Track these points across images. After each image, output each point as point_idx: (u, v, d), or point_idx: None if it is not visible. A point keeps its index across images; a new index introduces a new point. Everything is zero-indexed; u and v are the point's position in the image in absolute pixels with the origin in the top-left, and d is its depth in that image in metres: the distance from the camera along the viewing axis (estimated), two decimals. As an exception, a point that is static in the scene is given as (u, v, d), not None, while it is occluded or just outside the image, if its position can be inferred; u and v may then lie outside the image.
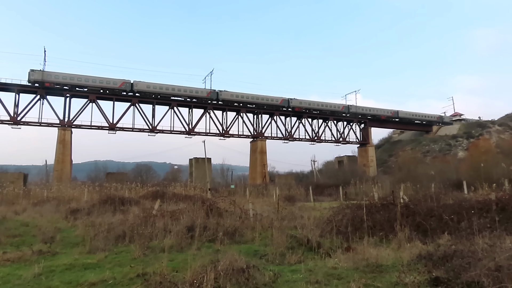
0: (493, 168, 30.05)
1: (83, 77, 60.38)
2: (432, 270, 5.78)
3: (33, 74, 56.93)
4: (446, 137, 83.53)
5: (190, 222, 10.99)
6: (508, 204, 9.93)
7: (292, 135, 75.31)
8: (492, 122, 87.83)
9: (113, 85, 61.81)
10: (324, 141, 78.69)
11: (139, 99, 63.65)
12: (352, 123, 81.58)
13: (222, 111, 70.15)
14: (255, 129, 72.41)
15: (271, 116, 73.60)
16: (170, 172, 77.46)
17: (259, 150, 70.93)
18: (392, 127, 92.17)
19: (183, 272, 6.05)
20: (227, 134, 70.03)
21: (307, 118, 76.64)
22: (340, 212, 11.69)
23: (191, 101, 67.87)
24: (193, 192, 30.15)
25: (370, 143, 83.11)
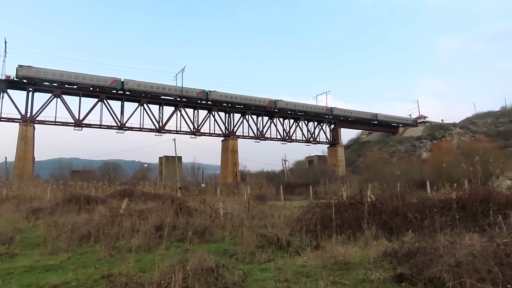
0: (454, 169, 31.40)
1: (73, 74, 59.25)
2: (396, 266, 5.96)
3: (21, 70, 55.71)
4: (411, 138, 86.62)
5: (158, 222, 10.79)
6: (467, 203, 10.40)
7: (263, 135, 75.62)
8: (454, 125, 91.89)
9: (103, 82, 60.95)
10: (295, 141, 79.57)
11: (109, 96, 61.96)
12: (322, 124, 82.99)
13: (193, 109, 69.35)
14: (226, 128, 72.12)
15: (243, 115, 73.57)
16: (139, 171, 75.74)
17: (230, 149, 70.72)
18: (361, 128, 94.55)
19: (151, 272, 5.91)
20: (199, 132, 69.30)
21: (278, 118, 77.21)
22: (310, 211, 11.85)
23: (181, 101, 67.50)
24: (162, 191, 29.61)
25: (340, 144, 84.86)
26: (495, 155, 35.85)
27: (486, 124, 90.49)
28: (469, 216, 9.90)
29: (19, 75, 55.97)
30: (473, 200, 10.41)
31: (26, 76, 56.13)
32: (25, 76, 56.10)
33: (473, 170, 22.56)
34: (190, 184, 48.83)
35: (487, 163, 26.90)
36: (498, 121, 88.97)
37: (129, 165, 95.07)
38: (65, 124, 59.40)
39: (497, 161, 32.82)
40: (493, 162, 30.69)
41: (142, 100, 63.44)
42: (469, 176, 22.59)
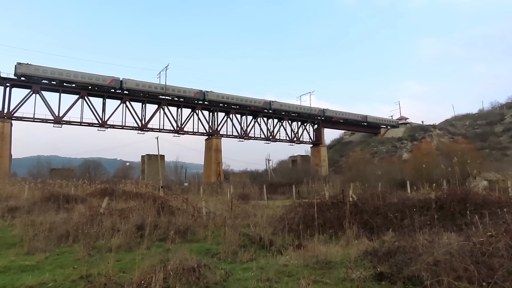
0: (433, 169, 32.17)
1: (72, 73, 58.99)
2: (377, 265, 6.04)
3: (20, 67, 55.11)
4: (392, 139, 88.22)
5: (140, 221, 10.63)
6: (446, 203, 10.64)
7: (247, 134, 75.59)
8: (434, 126, 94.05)
9: (102, 81, 60.84)
10: (279, 140, 79.88)
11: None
12: (306, 124, 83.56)
13: (177, 108, 68.71)
14: (210, 127, 71.75)
15: (227, 114, 73.36)
16: (121, 169, 74.43)
17: (214, 148, 70.40)
18: (344, 128, 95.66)
19: (131, 272, 5.81)
20: (182, 131, 68.71)
21: (262, 117, 77.32)
22: (293, 211, 11.91)
23: (178, 100, 67.92)
24: (144, 190, 29.19)
25: (323, 144, 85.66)
26: (473, 157, 36.84)
27: (464, 126, 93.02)
28: (447, 216, 10.14)
29: (18, 73, 55.33)
30: (451, 200, 10.67)
31: (25, 73, 55.39)
32: (24, 73, 55.37)
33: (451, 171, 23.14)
34: (172, 183, 48.43)
35: (465, 164, 27.64)
36: (475, 123, 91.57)
37: (111, 164, 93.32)
38: (44, 120, 57.93)
39: (474, 162, 33.76)
40: (471, 163, 31.54)
41: (125, 97, 62.44)
42: (448, 177, 23.17)
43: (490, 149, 71.87)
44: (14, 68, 55.47)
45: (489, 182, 28.31)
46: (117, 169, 76.64)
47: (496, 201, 10.47)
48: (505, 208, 9.25)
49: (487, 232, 6.57)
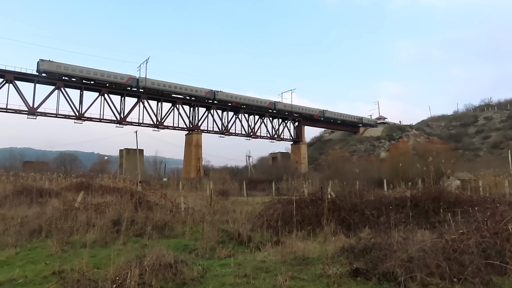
0: (409, 168, 32.91)
1: (91, 70, 60.38)
2: (353, 262, 6.13)
3: (43, 64, 56.20)
4: (371, 138, 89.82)
5: (116, 216, 10.43)
6: (420, 201, 10.93)
7: (228, 130, 75.33)
8: (411, 127, 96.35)
9: (120, 80, 62.60)
10: (259, 137, 79.95)
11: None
12: (287, 121, 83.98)
13: (157, 102, 67.69)
14: (191, 122, 71.08)
15: (208, 110, 72.86)
16: (98, 163, 72.88)
17: (194, 143, 69.83)
18: (324, 126, 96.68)
19: (106, 268, 5.70)
20: (162, 125, 67.79)
21: (243, 113, 77.19)
22: (272, 207, 11.95)
23: (191, 99, 69.67)
24: (122, 185, 28.72)
25: (303, 141, 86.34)
26: (447, 157, 37.96)
27: (439, 126, 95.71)
28: (421, 214, 10.42)
29: (41, 69, 56.18)
30: (425, 198, 10.96)
31: (47, 70, 56.36)
32: (46, 70, 56.31)
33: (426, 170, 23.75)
34: (151, 178, 47.73)
35: (439, 164, 28.44)
36: (450, 124, 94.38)
37: (87, 157, 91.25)
38: (18, 112, 55.91)
39: (448, 162, 34.79)
40: (445, 163, 32.50)
41: (103, 89, 61.02)
42: (423, 176, 23.78)
43: (464, 150, 74.30)
44: (37, 64, 56.42)
45: (461, 182, 29.24)
46: (94, 163, 75.04)
47: (468, 200, 10.82)
48: (476, 206, 9.55)
49: (459, 229, 6.78)
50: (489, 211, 8.18)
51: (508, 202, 10.08)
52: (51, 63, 56.53)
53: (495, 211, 7.90)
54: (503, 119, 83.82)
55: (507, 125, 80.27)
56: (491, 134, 79.64)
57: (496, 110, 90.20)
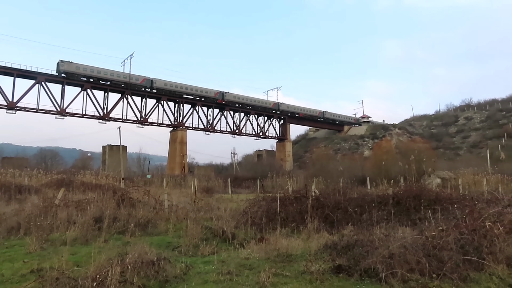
0: (392, 167, 33.46)
1: (109, 72, 62.08)
2: (335, 258, 6.19)
3: (63, 65, 57.68)
4: (355, 136, 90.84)
5: (98, 213, 10.27)
6: (402, 199, 11.13)
7: (213, 127, 74.99)
8: (394, 126, 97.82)
9: (135, 81, 63.87)
10: (245, 134, 79.86)
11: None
12: (272, 119, 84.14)
13: (141, 98, 66.78)
14: (175, 118, 70.43)
15: (193, 106, 72.32)
16: (80, 159, 71.49)
17: (179, 140, 69.22)
18: (309, 124, 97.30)
19: (86, 266, 5.60)
20: (146, 121, 66.91)
21: (229, 110, 76.96)
22: (256, 204, 11.96)
23: (201, 99, 72.11)
24: (105, 182, 28.28)
25: (288, 139, 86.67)
26: (428, 155, 38.72)
27: (421, 126, 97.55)
28: (403, 211, 10.61)
29: (61, 70, 57.54)
30: (407, 196, 11.16)
31: (66, 71, 57.78)
32: (66, 71, 57.72)
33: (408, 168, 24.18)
34: (135, 175, 47.15)
35: (421, 162, 28.96)
36: (432, 123, 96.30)
37: (69, 153, 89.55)
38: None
39: (429, 160, 35.50)
40: (426, 161, 33.13)
41: (86, 84, 59.81)
42: (405, 174, 24.22)
43: (444, 149, 75.88)
44: (57, 65, 57.86)
45: (442, 180, 29.94)
46: (76, 159, 73.62)
47: (447, 198, 11.07)
48: (455, 204, 9.79)
49: (438, 226, 6.94)
50: (468, 208, 8.39)
51: (486, 200, 10.40)
52: (70, 64, 57.79)
53: (473, 208, 8.11)
54: (482, 120, 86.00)
55: (486, 125, 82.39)
56: (471, 134, 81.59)
57: (476, 111, 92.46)
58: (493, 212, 7.44)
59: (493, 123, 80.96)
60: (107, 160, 60.98)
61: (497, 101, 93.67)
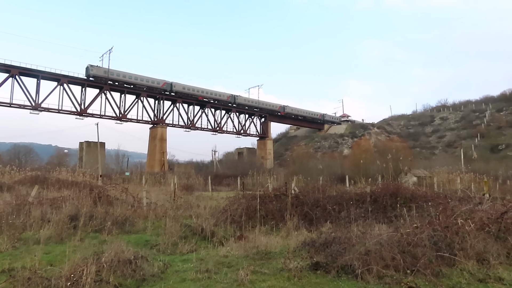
0: (370, 165, 34.10)
1: (132, 75, 65.06)
2: (313, 255, 6.27)
3: (92, 69, 60.71)
4: (335, 135, 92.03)
5: (74, 211, 10.03)
6: (379, 197, 11.37)
7: (194, 124, 74.39)
8: (372, 125, 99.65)
9: (156, 84, 67.73)
10: (226, 132, 79.65)
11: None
12: (253, 117, 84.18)
13: (120, 93, 65.51)
14: (155, 115, 69.46)
15: (173, 103, 71.51)
16: (56, 156, 69.57)
17: (159, 137, 68.34)
18: (290, 123, 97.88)
19: (60, 265, 5.47)
20: (125, 118, 65.71)
21: (210, 108, 76.51)
22: (236, 202, 11.97)
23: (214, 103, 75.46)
24: (81, 179, 27.62)
25: (269, 137, 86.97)
26: (405, 154, 39.65)
27: (399, 125, 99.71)
28: (380, 209, 10.83)
29: (90, 74, 60.37)
30: (384, 194, 11.41)
31: (96, 75, 60.71)
32: (95, 75, 60.63)
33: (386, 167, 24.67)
34: (113, 172, 46.29)
35: (398, 161, 29.66)
36: (409, 123, 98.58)
37: (44, 150, 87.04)
38: (-34, 100, 52.19)
39: (406, 159, 36.37)
40: (403, 160, 33.96)
41: (62, 79, 58.19)
42: (383, 172, 24.76)
43: (421, 148, 77.91)
44: (86, 69, 60.77)
45: (418, 178, 30.71)
46: (52, 156, 71.60)
47: (423, 196, 11.39)
48: (430, 202, 10.08)
49: (413, 223, 7.12)
50: (441, 206, 8.65)
51: (459, 198, 10.74)
52: (99, 68, 61.02)
53: (447, 206, 8.37)
54: (457, 120, 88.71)
55: (461, 125, 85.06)
56: (446, 134, 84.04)
57: (451, 111, 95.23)
58: (465, 209, 7.71)
59: (467, 123, 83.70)
60: (84, 157, 59.64)
61: (471, 102, 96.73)
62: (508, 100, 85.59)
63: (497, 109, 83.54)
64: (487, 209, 8.10)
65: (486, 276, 5.57)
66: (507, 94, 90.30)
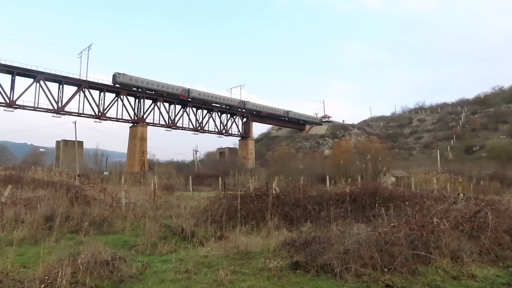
0: (350, 165, 34.63)
1: (154, 82, 69.32)
2: (293, 255, 6.31)
3: (119, 76, 64.58)
4: (316, 136, 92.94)
5: (49, 211, 9.76)
6: (358, 196, 11.55)
7: (175, 123, 73.63)
8: (353, 126, 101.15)
9: (175, 91, 72.09)
10: (207, 131, 79.18)
11: None
12: (235, 116, 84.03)
13: (99, 91, 64.17)
14: (136, 114, 68.38)
15: (154, 102, 70.57)
16: (31, 155, 67.50)
17: (139, 136, 67.30)
18: (272, 123, 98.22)
19: (34, 267, 5.30)
20: (104, 116, 64.42)
21: (191, 107, 75.91)
22: (217, 202, 11.92)
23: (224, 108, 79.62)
24: (58, 178, 26.88)
25: (251, 137, 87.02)
26: (384, 155, 40.50)
27: (379, 127, 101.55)
28: (359, 208, 11.00)
29: (117, 81, 64.36)
30: (363, 194, 11.60)
31: (122, 82, 64.65)
32: (121, 82, 64.59)
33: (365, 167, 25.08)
34: (91, 172, 45.28)
35: (377, 162, 30.19)
36: (388, 125, 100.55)
37: (19, 148, 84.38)
38: None
39: (385, 160, 37.13)
40: (382, 161, 34.61)
41: (39, 76, 56.51)
42: (362, 173, 25.16)
43: (399, 149, 79.57)
44: (113, 77, 64.52)
45: (396, 179, 31.38)
46: (27, 154, 69.43)
47: (400, 196, 11.63)
48: (407, 201, 10.31)
49: (391, 223, 7.26)
50: (418, 205, 8.86)
51: (435, 198, 11.02)
52: (124, 76, 64.93)
53: (423, 205, 8.58)
54: (434, 122, 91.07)
55: (437, 127, 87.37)
56: (423, 135, 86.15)
57: (428, 113, 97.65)
58: (440, 209, 7.92)
59: (444, 125, 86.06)
60: (61, 156, 58.20)
61: (447, 104, 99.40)
62: (482, 103, 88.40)
63: (472, 111, 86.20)
64: (461, 208, 8.34)
65: (459, 274, 5.74)
66: (481, 97, 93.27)
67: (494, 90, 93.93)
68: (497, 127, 75.15)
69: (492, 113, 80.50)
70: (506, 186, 30.13)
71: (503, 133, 71.42)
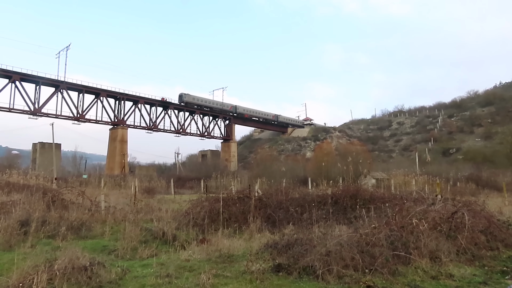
0: (332, 168, 34.94)
1: (210, 101, 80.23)
2: (276, 257, 6.30)
3: (185, 96, 75.18)
4: (298, 138, 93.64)
5: (25, 216, 9.44)
6: (340, 198, 11.66)
7: (156, 126, 72.75)
8: (334, 128, 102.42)
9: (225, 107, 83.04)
10: (189, 134, 78.55)
11: None
12: (217, 119, 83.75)
13: (78, 93, 62.77)
14: (116, 116, 67.21)
15: (135, 104, 69.56)
16: (6, 158, 65.26)
17: (119, 139, 66.16)
18: (254, 125, 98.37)
19: (8, 274, 5.11)
20: (83, 118, 63.03)
21: (173, 109, 75.21)
22: (199, 205, 11.80)
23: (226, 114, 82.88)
24: (34, 182, 26.10)
25: (233, 139, 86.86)
26: (365, 157, 41.09)
27: (359, 129, 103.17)
28: (340, 210, 11.10)
29: (184, 101, 74.90)
30: (344, 195, 11.71)
31: (187, 101, 75.17)
32: (186, 101, 75.01)
33: (347, 169, 25.38)
34: (69, 175, 44.18)
35: (358, 164, 30.64)
36: (368, 127, 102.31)
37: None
38: None
39: (366, 162, 37.72)
40: (363, 163, 35.16)
41: (14, 76, 54.83)
42: (343, 175, 25.44)
43: (379, 151, 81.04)
44: (179, 97, 75.26)
45: (377, 180, 31.92)
46: (1, 157, 67.12)
47: (381, 197, 11.80)
48: (387, 203, 10.47)
49: (371, 224, 7.35)
50: (398, 207, 9.02)
51: (414, 199, 11.24)
52: (189, 96, 75.21)
53: (402, 207, 8.73)
54: (413, 125, 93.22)
55: (416, 130, 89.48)
56: (402, 138, 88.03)
57: (407, 116, 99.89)
58: (419, 210, 8.07)
59: (422, 128, 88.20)
60: (37, 159, 56.59)
61: (425, 108, 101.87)
62: (458, 107, 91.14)
63: (449, 115, 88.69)
64: (439, 209, 8.54)
65: (438, 273, 5.87)
66: (457, 101, 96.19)
67: (470, 94, 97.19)
68: (472, 130, 77.62)
69: (468, 117, 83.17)
70: (481, 187, 31.09)
71: (478, 136, 73.75)
